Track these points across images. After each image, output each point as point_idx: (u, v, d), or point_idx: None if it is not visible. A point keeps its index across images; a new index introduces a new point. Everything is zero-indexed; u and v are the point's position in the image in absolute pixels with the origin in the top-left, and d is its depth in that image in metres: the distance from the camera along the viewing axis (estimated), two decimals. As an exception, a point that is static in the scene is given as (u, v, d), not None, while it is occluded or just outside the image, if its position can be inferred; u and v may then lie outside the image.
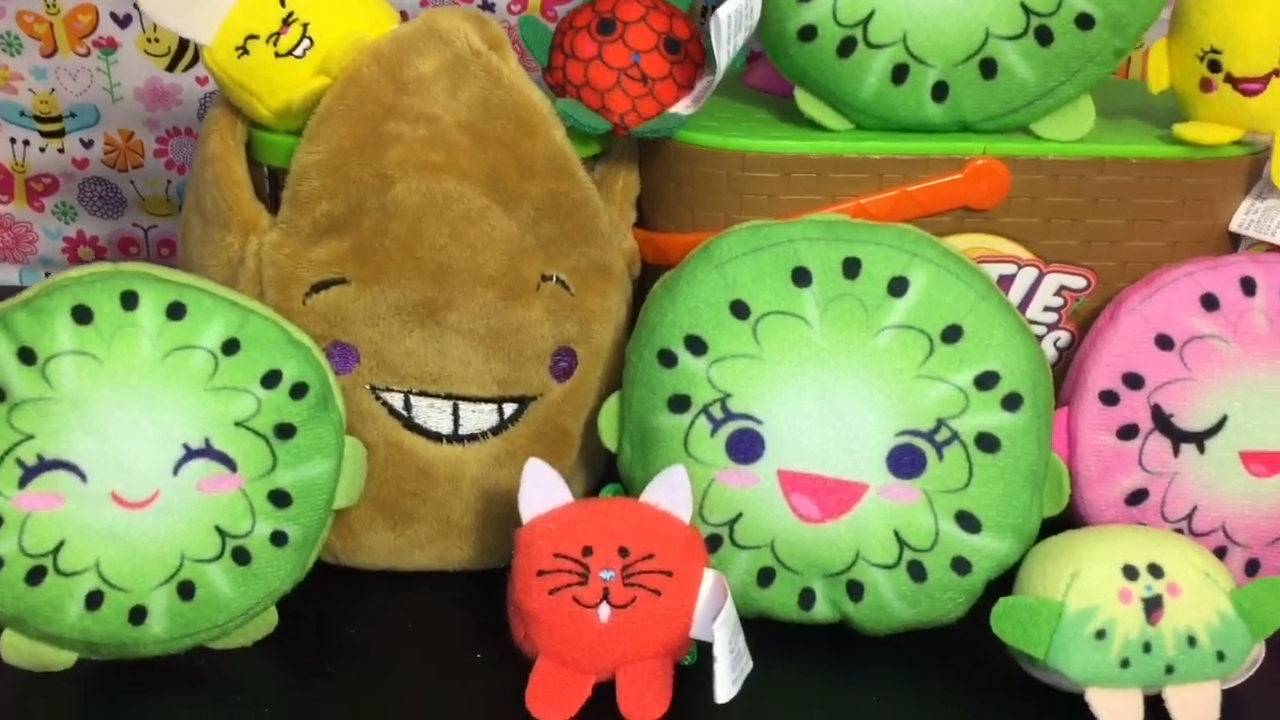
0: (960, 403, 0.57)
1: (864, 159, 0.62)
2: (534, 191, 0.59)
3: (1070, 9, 0.59)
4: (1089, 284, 0.64)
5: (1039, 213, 0.63)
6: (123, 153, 0.94)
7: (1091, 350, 0.61)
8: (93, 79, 0.91)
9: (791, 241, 0.58)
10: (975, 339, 0.57)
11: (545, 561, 0.55)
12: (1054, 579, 0.55)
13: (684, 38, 0.63)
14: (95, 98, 0.91)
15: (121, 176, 0.95)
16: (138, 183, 0.95)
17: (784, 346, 0.58)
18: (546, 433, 0.62)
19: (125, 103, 0.92)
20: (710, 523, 0.58)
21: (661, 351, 0.59)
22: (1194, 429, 0.60)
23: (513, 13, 0.88)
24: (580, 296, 0.61)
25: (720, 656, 0.51)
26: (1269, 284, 0.60)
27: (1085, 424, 0.60)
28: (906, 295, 0.57)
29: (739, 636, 0.54)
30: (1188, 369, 0.60)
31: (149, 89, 0.91)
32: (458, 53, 0.57)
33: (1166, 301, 0.60)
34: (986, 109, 0.62)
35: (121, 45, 0.90)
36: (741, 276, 0.58)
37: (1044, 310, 0.65)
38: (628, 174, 0.66)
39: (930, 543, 0.57)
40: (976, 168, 0.62)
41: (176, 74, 0.91)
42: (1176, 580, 0.54)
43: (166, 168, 0.94)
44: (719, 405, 0.58)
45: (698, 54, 0.63)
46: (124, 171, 0.94)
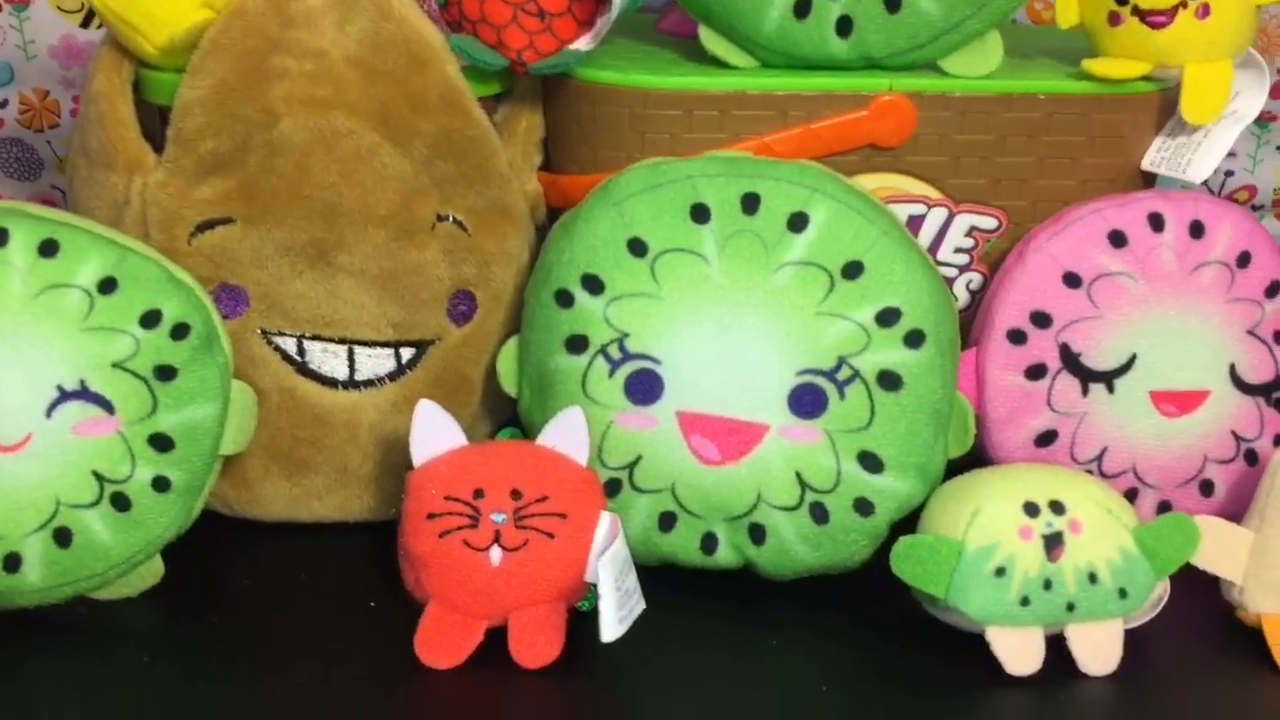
0: (861, 340, 0.56)
1: (767, 96, 0.60)
2: (427, 128, 0.57)
3: (975, -60, 0.58)
4: (1000, 224, 0.63)
5: (947, 151, 0.62)
6: (38, 112, 0.91)
7: (999, 289, 0.60)
8: (5, 36, 0.88)
9: (690, 178, 0.57)
10: (876, 275, 0.56)
11: (435, 504, 0.54)
12: (955, 518, 0.54)
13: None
14: (8, 56, 0.89)
15: (38, 137, 0.92)
16: (54, 143, 0.92)
17: (682, 285, 0.56)
18: (446, 378, 0.61)
19: (39, 60, 0.89)
20: (609, 466, 0.57)
21: (558, 291, 0.57)
22: (1103, 368, 0.59)
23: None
24: (478, 238, 0.60)
25: (606, 594, 0.50)
26: (1177, 220, 0.59)
27: (993, 364, 0.59)
28: (806, 231, 0.56)
29: (629, 576, 0.53)
30: (1096, 307, 0.59)
31: (63, 46, 0.89)
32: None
33: (1074, 239, 0.59)
34: (892, 44, 0.60)
35: (33, 2, 0.87)
36: (639, 214, 0.57)
37: (955, 252, 0.64)
38: (531, 115, 0.64)
39: (832, 484, 0.56)
40: (882, 104, 0.60)
41: (91, 30, 0.89)
42: (1078, 517, 0.53)
43: (83, 126, 0.92)
44: (616, 345, 0.57)
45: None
46: (40, 132, 0.92)
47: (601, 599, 0.50)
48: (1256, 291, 0.60)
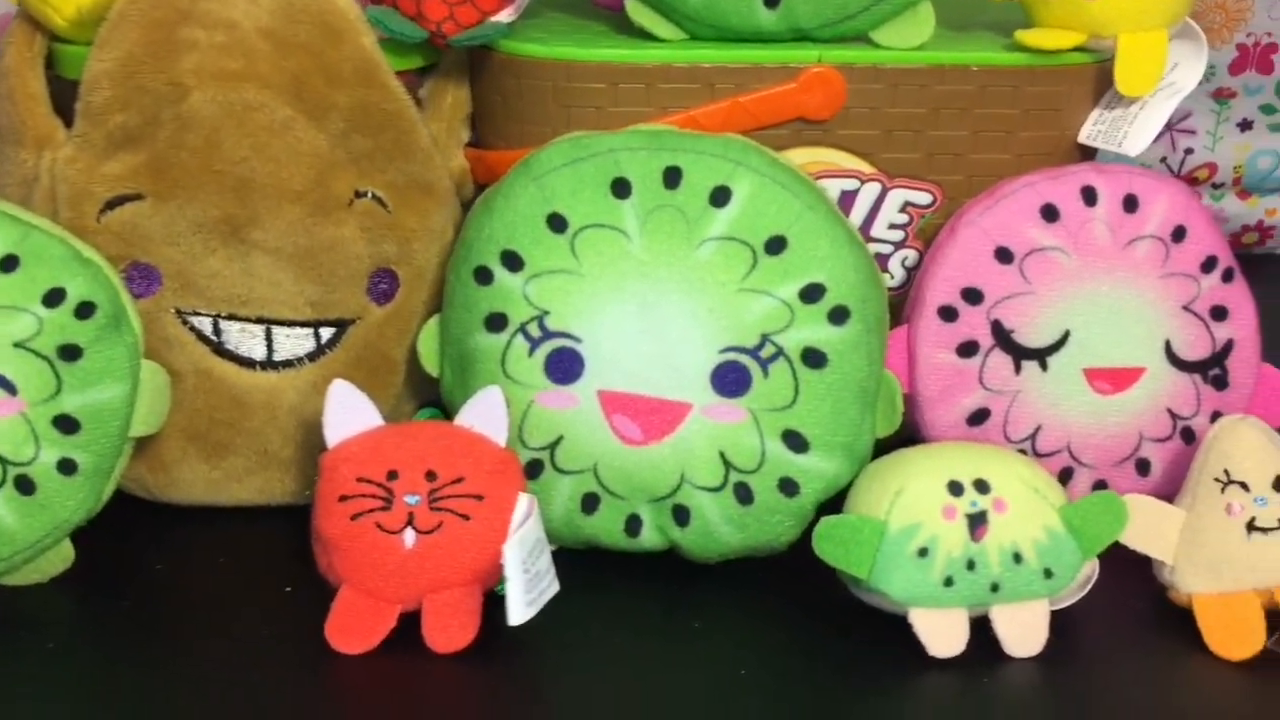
0: (785, 317, 0.55)
1: (694, 68, 0.59)
2: (342, 101, 0.56)
3: (901, -93, 0.57)
4: (935, 199, 0.62)
5: (879, 124, 0.60)
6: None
7: (930, 265, 0.59)
8: None
9: (612, 151, 0.56)
10: (800, 250, 0.55)
11: (347, 486, 0.52)
12: (878, 497, 0.53)
13: (509, -60, 0.60)
14: None
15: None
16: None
17: (603, 261, 0.55)
18: (367, 358, 0.60)
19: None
20: (530, 447, 0.56)
21: (478, 268, 0.56)
22: (1035, 345, 0.58)
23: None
24: (399, 215, 0.59)
25: (512, 577, 0.49)
26: (1111, 193, 0.58)
27: (924, 341, 0.58)
28: (729, 206, 0.55)
29: (541, 558, 0.51)
30: (1028, 282, 0.58)
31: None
32: (257, -45, 0.55)
33: (1006, 213, 0.58)
34: (821, 15, 0.59)
35: None
36: (560, 189, 0.55)
37: (889, 228, 0.63)
38: (457, 89, 0.63)
39: (756, 463, 0.55)
40: (810, 77, 0.59)
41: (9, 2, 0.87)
42: (1003, 496, 0.52)
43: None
44: (536, 324, 0.55)
45: (523, -41, 0.61)
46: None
47: (508, 582, 0.49)
48: (1192, 266, 0.59)
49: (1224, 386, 0.60)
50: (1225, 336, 0.60)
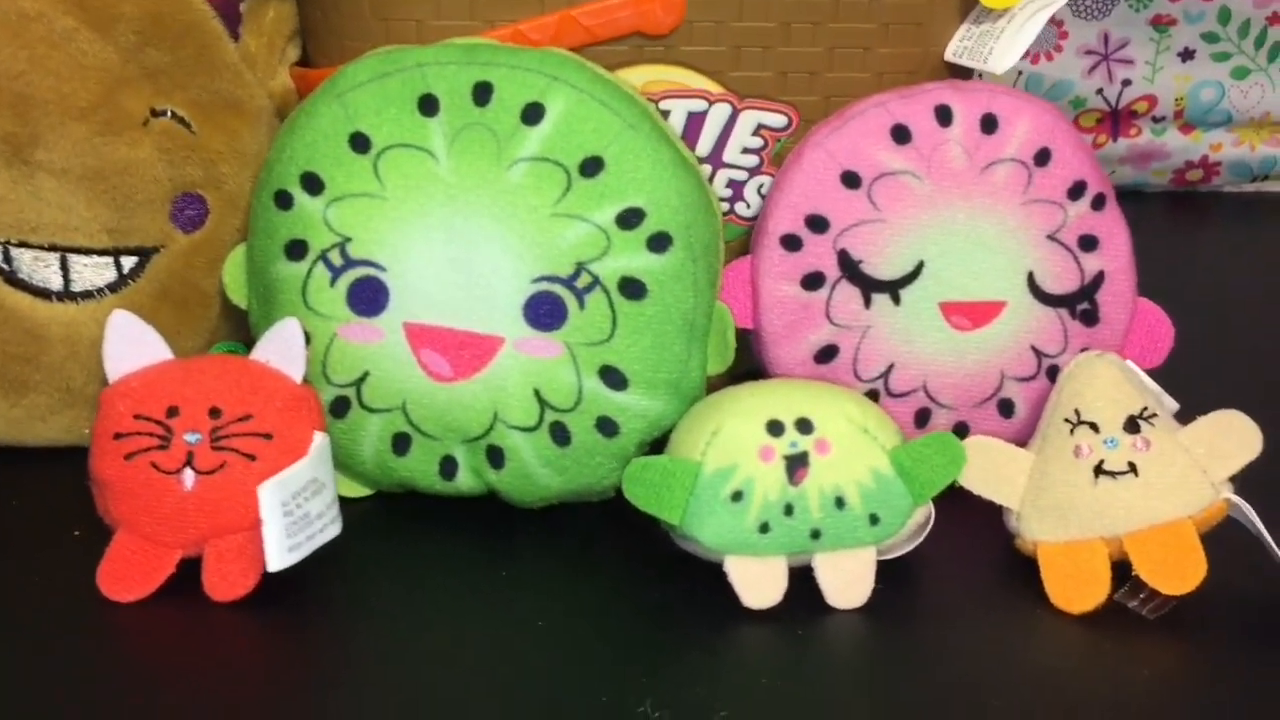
0: (601, 244, 0.50)
1: (522, -22, 0.55)
2: (130, 11, 0.52)
3: None
4: (790, 122, 0.58)
5: (725, 40, 0.56)
6: None
7: (774, 191, 0.55)
8: None
9: (421, 66, 0.51)
10: (617, 172, 0.50)
11: (123, 423, 0.49)
12: (695, 437, 0.49)
13: None
14: None
15: None
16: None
17: (408, 184, 0.51)
18: (174, 289, 0.56)
19: None
20: (335, 383, 0.52)
21: (278, 192, 0.52)
22: (886, 277, 0.54)
23: None
24: (204, 135, 0.55)
25: (269, 520, 0.46)
26: (967, 112, 0.54)
27: (766, 273, 0.54)
28: (542, 123, 0.50)
29: (314, 499, 0.48)
30: (877, 209, 0.53)
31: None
32: None
33: (854, 134, 0.54)
34: (659, -81, 0.55)
35: None
36: (363, 106, 0.51)
37: (743, 152, 0.58)
38: (280, 4, 0.59)
39: (573, 402, 0.51)
40: (646, -14, 0.55)
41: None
42: (826, 436, 0.48)
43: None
44: (338, 251, 0.52)
45: None
46: None
47: (264, 525, 0.46)
48: (1058, 193, 0.54)
49: (1094, 322, 0.56)
50: (1095, 268, 0.55)
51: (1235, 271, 0.88)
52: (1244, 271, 0.88)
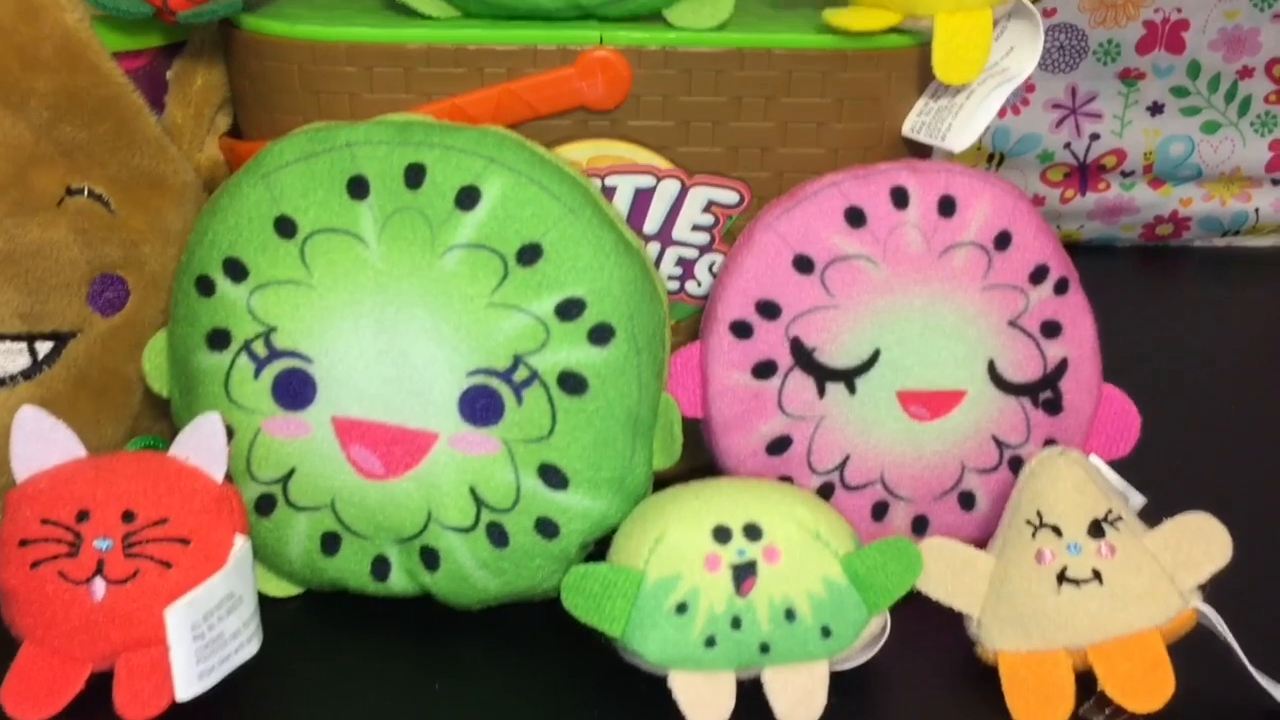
0: (539, 336, 0.48)
1: (460, 50, 0.52)
2: (42, 86, 0.49)
3: None
4: (742, 199, 0.55)
5: (674, 114, 0.54)
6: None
7: (724, 275, 0.52)
8: None
9: (350, 146, 0.49)
10: (557, 260, 0.48)
11: (30, 529, 0.46)
12: (638, 544, 0.46)
13: (247, -96, 0.53)
14: None
15: None
16: None
17: (336, 271, 0.48)
18: (93, 376, 0.53)
19: None
20: (260, 480, 0.50)
21: (199, 278, 0.49)
22: (841, 365, 0.52)
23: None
24: (124, 214, 0.52)
25: (176, 646, 0.43)
26: (924, 194, 0.51)
27: (716, 361, 0.52)
28: (477, 208, 0.48)
29: (230, 618, 0.45)
30: (831, 295, 0.51)
31: None
32: (-54, -81, 0.48)
33: (807, 216, 0.51)
34: (604, -10, 0.52)
35: None
36: (290, 188, 0.49)
37: (693, 229, 0.56)
38: (208, 71, 0.56)
39: (511, 501, 0.48)
40: (590, 60, 0.52)
41: None
42: (775, 542, 0.46)
43: None
44: (262, 341, 0.49)
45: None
46: None
47: (171, 651, 0.43)
48: (1019, 277, 0.52)
49: (1057, 411, 0.53)
50: (1058, 355, 0.53)
51: (1206, 330, 0.86)
52: (1215, 329, 0.86)
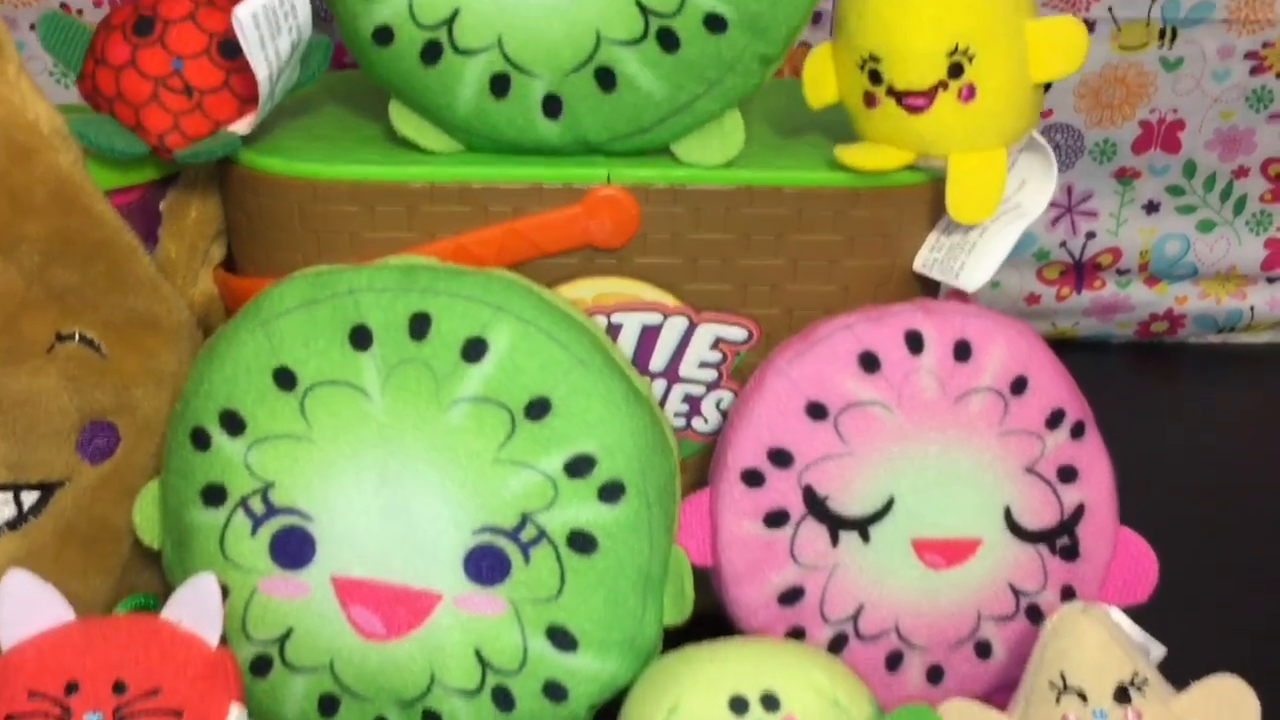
0: (548, 493, 0.46)
1: (464, 188, 0.51)
2: (34, 231, 0.48)
3: (695, 9, 0.48)
4: (751, 335, 0.54)
5: (682, 252, 0.52)
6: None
7: (735, 421, 0.51)
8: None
9: (353, 293, 0.47)
10: (567, 414, 0.46)
11: (17, 703, 0.44)
12: (652, 712, 0.45)
13: (247, 37, 0.51)
14: None
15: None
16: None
17: (337, 424, 0.47)
18: (81, 526, 0.51)
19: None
20: (256, 640, 0.48)
21: (195, 430, 0.48)
22: (855, 514, 0.50)
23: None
24: (115, 358, 0.50)
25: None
26: (939, 338, 0.50)
27: (727, 509, 0.50)
28: (484, 361, 0.46)
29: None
30: (844, 443, 0.50)
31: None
32: (-63, 62, 0.46)
33: (819, 361, 0.50)
34: (611, 127, 0.51)
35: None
36: (290, 337, 0.47)
37: (700, 366, 0.55)
38: (202, 204, 0.55)
39: (518, 664, 0.47)
40: (597, 199, 0.51)
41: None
42: (794, 712, 0.44)
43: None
44: (259, 497, 0.47)
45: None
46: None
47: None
48: (1035, 422, 0.51)
49: (1074, 557, 0.52)
50: (1075, 501, 0.52)
51: (1203, 428, 0.85)
52: (1211, 427, 0.86)
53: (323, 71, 0.53)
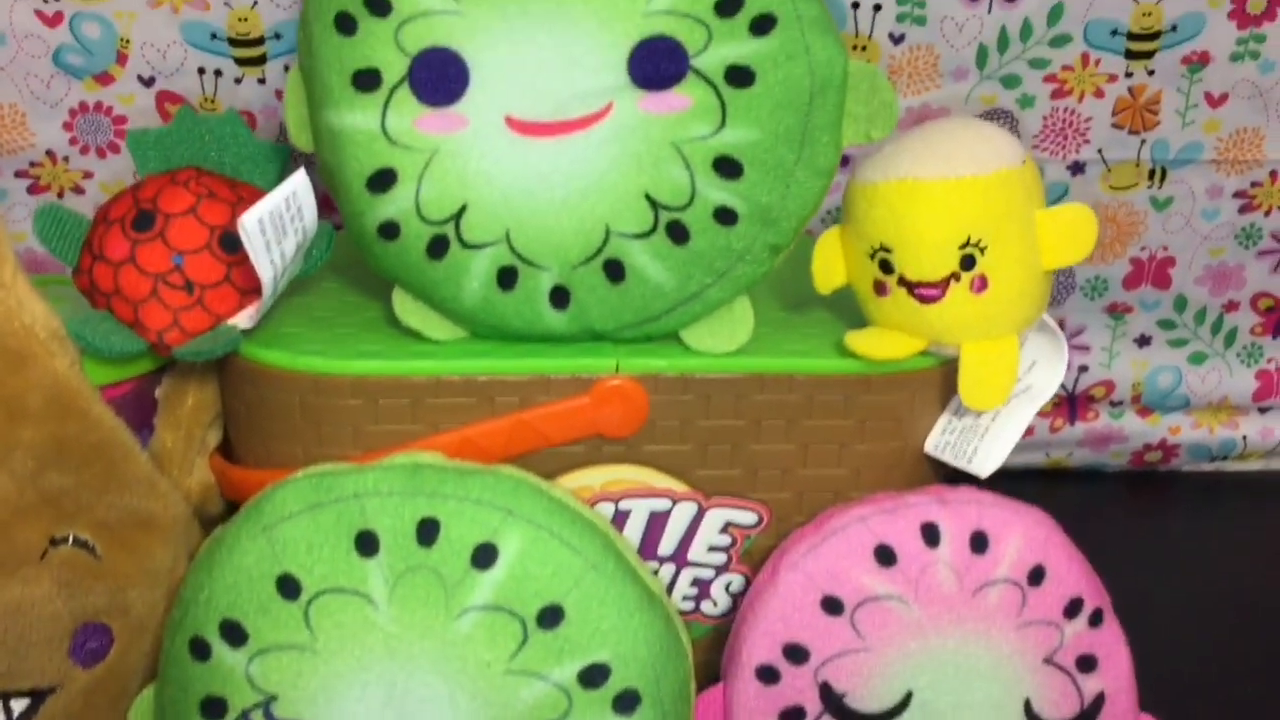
0: (561, 705, 0.45)
1: (469, 380, 0.50)
2: (29, 438, 0.46)
3: (706, 202, 0.48)
4: (762, 519, 0.53)
5: (692, 439, 0.52)
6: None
7: (748, 615, 0.50)
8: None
9: (359, 497, 0.46)
10: (580, 623, 0.45)
11: None
12: None
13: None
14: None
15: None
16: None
17: (343, 635, 0.45)
18: (72, 732, 0.49)
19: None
20: None
21: (194, 640, 0.46)
22: (872, 710, 0.49)
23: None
24: (110, 559, 0.49)
25: None
26: (955, 531, 0.49)
27: (741, 707, 0.49)
28: (494, 568, 0.45)
29: None
30: (861, 638, 0.49)
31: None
32: (-69, 266, 0.45)
33: (834, 554, 0.49)
34: (619, 317, 0.50)
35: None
36: (294, 543, 0.46)
37: (710, 550, 0.54)
38: (199, 390, 0.53)
39: None
40: (606, 389, 0.50)
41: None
42: None
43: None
44: (261, 711, 0.45)
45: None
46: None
47: None
48: (1054, 612, 0.50)
49: (1096, 748, 0.51)
50: (1095, 690, 0.51)
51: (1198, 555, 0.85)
52: (1206, 555, 0.85)
53: (325, 261, 0.52)
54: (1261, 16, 0.75)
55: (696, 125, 0.47)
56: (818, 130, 0.48)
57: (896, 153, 0.50)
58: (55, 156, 0.76)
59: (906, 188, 0.49)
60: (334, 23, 0.47)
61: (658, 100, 0.47)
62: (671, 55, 0.47)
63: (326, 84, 0.47)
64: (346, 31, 0.47)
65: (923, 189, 0.49)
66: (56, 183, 0.76)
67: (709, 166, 0.48)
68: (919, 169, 0.49)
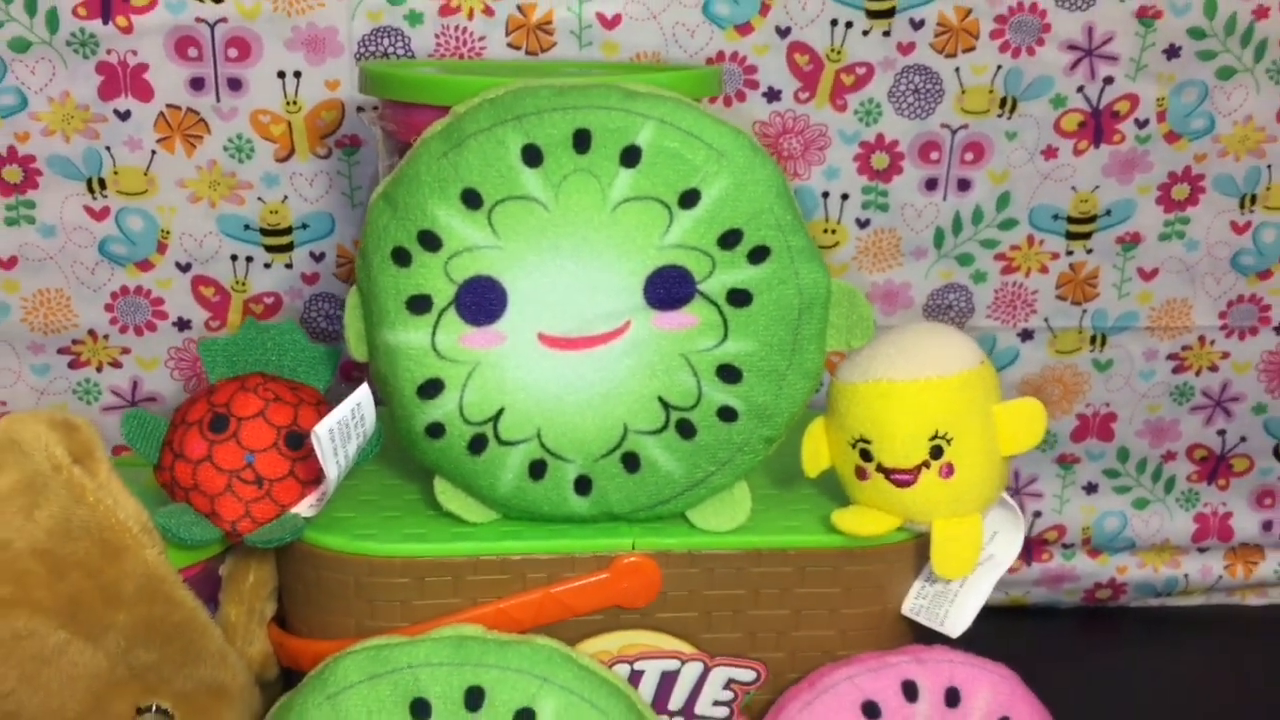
0: None
1: (504, 560, 0.57)
2: (123, 620, 0.53)
3: (710, 403, 0.56)
4: (759, 676, 0.60)
5: (697, 606, 0.59)
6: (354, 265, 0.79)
7: (752, 766, 0.57)
8: (331, 183, 0.77)
9: (412, 668, 0.53)
10: (607, 776, 0.52)
11: None
12: None
13: (309, 429, 0.58)
14: (331, 205, 0.78)
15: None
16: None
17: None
18: None
19: (365, 208, 0.73)
20: None
21: (268, 792, 0.52)
22: None
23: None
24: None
25: None
26: (932, 686, 0.56)
27: None
28: (535, 730, 0.52)
29: None
30: (853, 787, 0.56)
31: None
32: (37, 467, 0.52)
33: (826, 711, 0.56)
34: (634, 501, 0.58)
35: (366, 143, 0.76)
36: (354, 712, 0.52)
37: (714, 705, 0.60)
38: (260, 567, 0.60)
39: None
40: (624, 566, 0.57)
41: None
42: None
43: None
44: None
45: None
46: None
47: None
48: (1019, 759, 0.57)
49: None
50: (1059, 826, 0.58)
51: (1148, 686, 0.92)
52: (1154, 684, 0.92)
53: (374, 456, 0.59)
54: (1185, 202, 0.84)
55: (702, 339, 0.55)
56: (806, 341, 0.56)
57: (873, 357, 0.58)
58: (96, 334, 0.83)
59: (882, 388, 0.57)
60: (391, 256, 0.54)
61: (669, 318, 0.55)
62: (681, 281, 0.55)
63: (384, 307, 0.55)
64: (402, 264, 0.54)
65: (896, 389, 0.57)
66: (96, 358, 0.82)
67: (713, 373, 0.56)
68: (892, 372, 0.57)
